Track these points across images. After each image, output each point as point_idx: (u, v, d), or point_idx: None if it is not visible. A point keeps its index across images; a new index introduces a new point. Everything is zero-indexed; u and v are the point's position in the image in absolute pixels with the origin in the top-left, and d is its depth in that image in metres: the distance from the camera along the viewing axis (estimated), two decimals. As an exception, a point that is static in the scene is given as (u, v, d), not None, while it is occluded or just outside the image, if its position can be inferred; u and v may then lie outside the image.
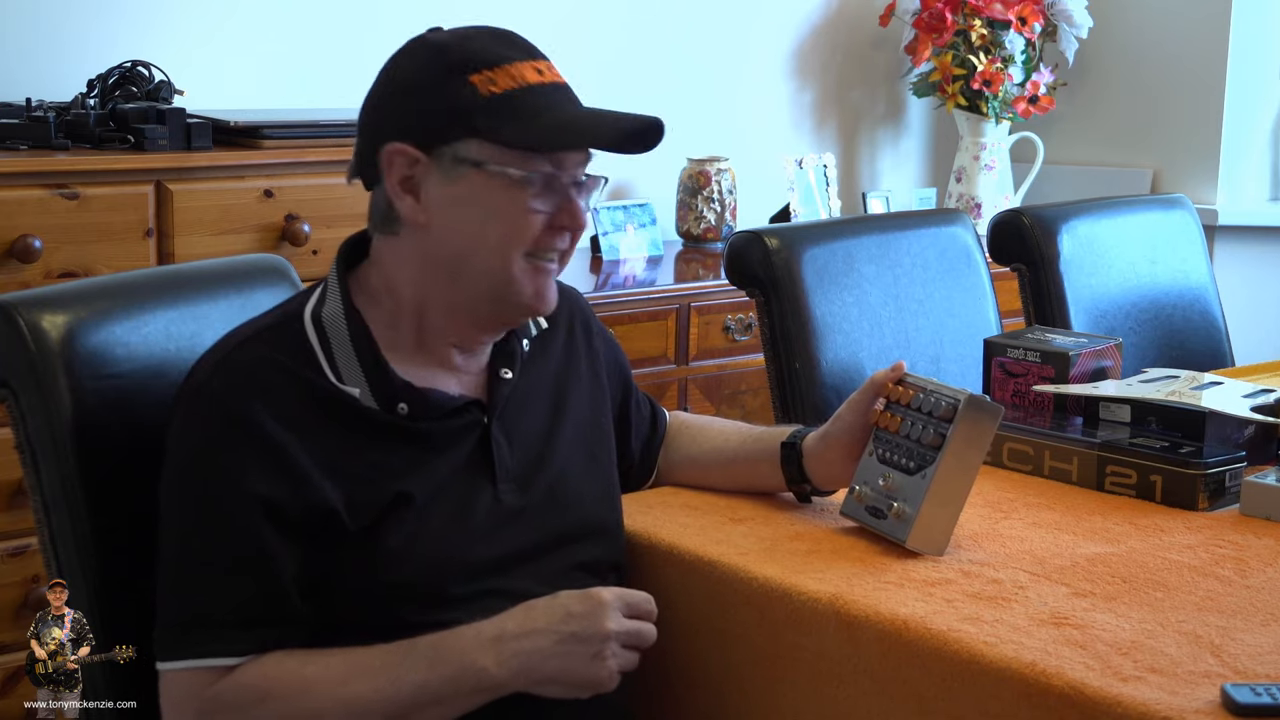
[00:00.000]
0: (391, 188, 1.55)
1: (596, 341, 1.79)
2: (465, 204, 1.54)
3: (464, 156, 1.53)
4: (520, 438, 1.64)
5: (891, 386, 1.72)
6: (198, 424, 1.51)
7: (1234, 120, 4.19)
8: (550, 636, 1.46)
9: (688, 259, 3.78)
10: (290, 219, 2.81)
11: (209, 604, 1.48)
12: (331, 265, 1.61)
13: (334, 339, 1.56)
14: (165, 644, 1.50)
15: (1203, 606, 1.51)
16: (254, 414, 1.49)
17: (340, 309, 1.57)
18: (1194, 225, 2.93)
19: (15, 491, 2.53)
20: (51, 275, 2.56)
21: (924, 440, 1.65)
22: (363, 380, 1.55)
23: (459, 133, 1.53)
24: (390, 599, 1.51)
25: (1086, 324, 2.64)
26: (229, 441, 1.49)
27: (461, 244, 1.55)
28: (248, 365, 1.52)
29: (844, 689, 1.51)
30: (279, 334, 1.56)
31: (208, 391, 1.51)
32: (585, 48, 3.73)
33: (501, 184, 1.53)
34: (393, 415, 1.55)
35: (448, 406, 1.58)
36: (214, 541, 1.48)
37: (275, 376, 1.52)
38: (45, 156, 2.64)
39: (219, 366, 1.53)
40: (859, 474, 1.72)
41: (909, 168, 4.55)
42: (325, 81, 3.32)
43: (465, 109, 1.52)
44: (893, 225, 2.59)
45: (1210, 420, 1.91)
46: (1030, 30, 4.08)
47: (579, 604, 1.48)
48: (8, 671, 2.59)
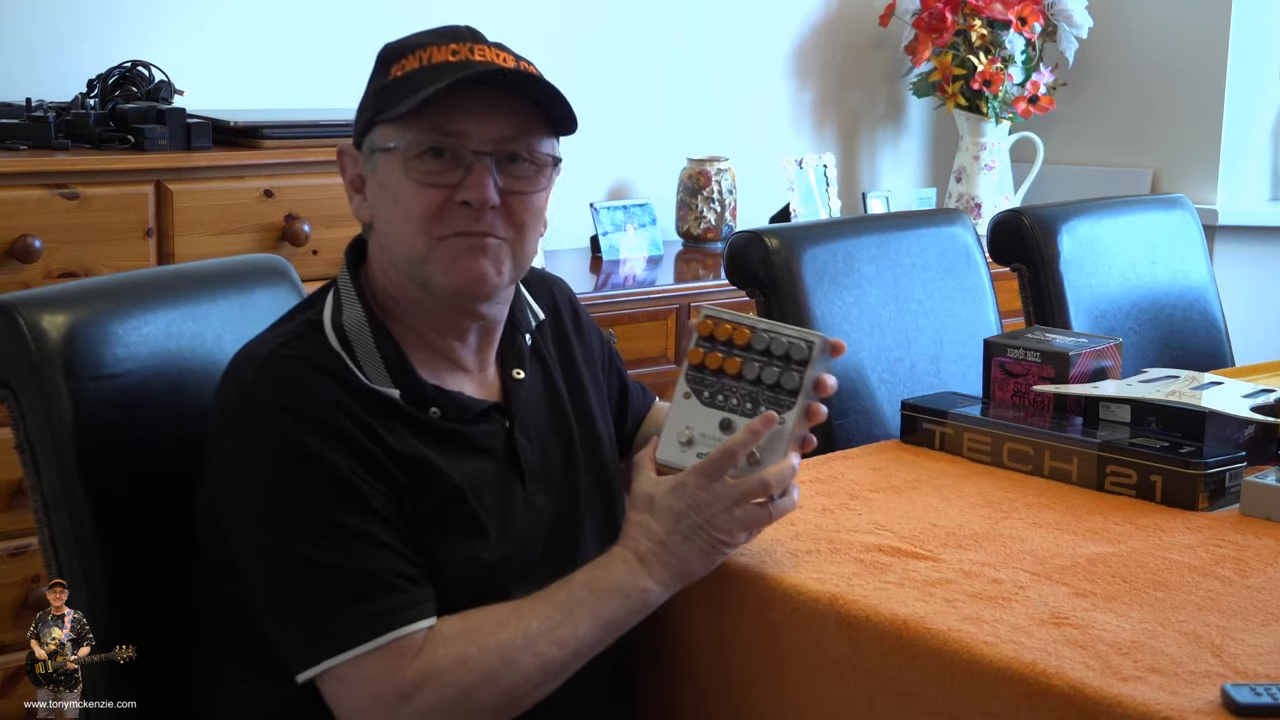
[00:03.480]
0: (346, 187, 1.59)
1: (586, 328, 1.78)
2: (380, 191, 1.55)
3: (376, 145, 1.54)
4: (538, 437, 1.64)
5: (709, 322, 1.59)
6: (263, 432, 1.46)
7: (1234, 120, 4.20)
8: (676, 539, 1.51)
9: (688, 259, 3.78)
10: (290, 219, 2.81)
11: (374, 578, 1.44)
12: (341, 270, 1.60)
13: (359, 347, 1.54)
14: (334, 636, 1.43)
15: (1203, 606, 1.51)
16: (313, 409, 1.46)
17: (362, 316, 1.55)
18: (1194, 225, 2.94)
19: (15, 491, 2.53)
20: (51, 275, 2.56)
21: (783, 384, 1.55)
22: (393, 384, 1.53)
23: (370, 122, 1.55)
24: (447, 601, 1.50)
25: (1086, 324, 2.64)
26: (301, 434, 1.45)
27: (386, 232, 1.56)
28: (290, 367, 1.49)
29: (844, 689, 1.51)
30: (306, 341, 1.53)
31: (260, 400, 1.47)
32: (585, 48, 3.73)
33: (396, 162, 1.52)
34: (428, 417, 1.54)
35: (475, 409, 1.58)
36: (344, 523, 1.44)
37: (318, 377, 1.49)
38: (45, 156, 2.64)
39: (262, 374, 1.49)
40: (677, 418, 1.58)
41: (909, 168, 4.55)
42: (325, 81, 3.32)
43: (375, 97, 1.55)
44: (893, 225, 2.59)
45: (1210, 420, 1.91)
46: (1030, 30, 4.08)
47: (676, 500, 1.52)
48: (8, 671, 2.59)
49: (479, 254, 1.53)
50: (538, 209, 1.57)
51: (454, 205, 1.52)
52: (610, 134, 3.83)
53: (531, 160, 1.55)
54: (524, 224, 1.56)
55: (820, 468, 1.98)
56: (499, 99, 1.53)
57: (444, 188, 1.51)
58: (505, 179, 1.54)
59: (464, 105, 1.51)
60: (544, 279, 1.78)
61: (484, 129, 1.52)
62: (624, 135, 3.88)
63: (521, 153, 1.54)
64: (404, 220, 1.53)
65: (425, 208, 1.51)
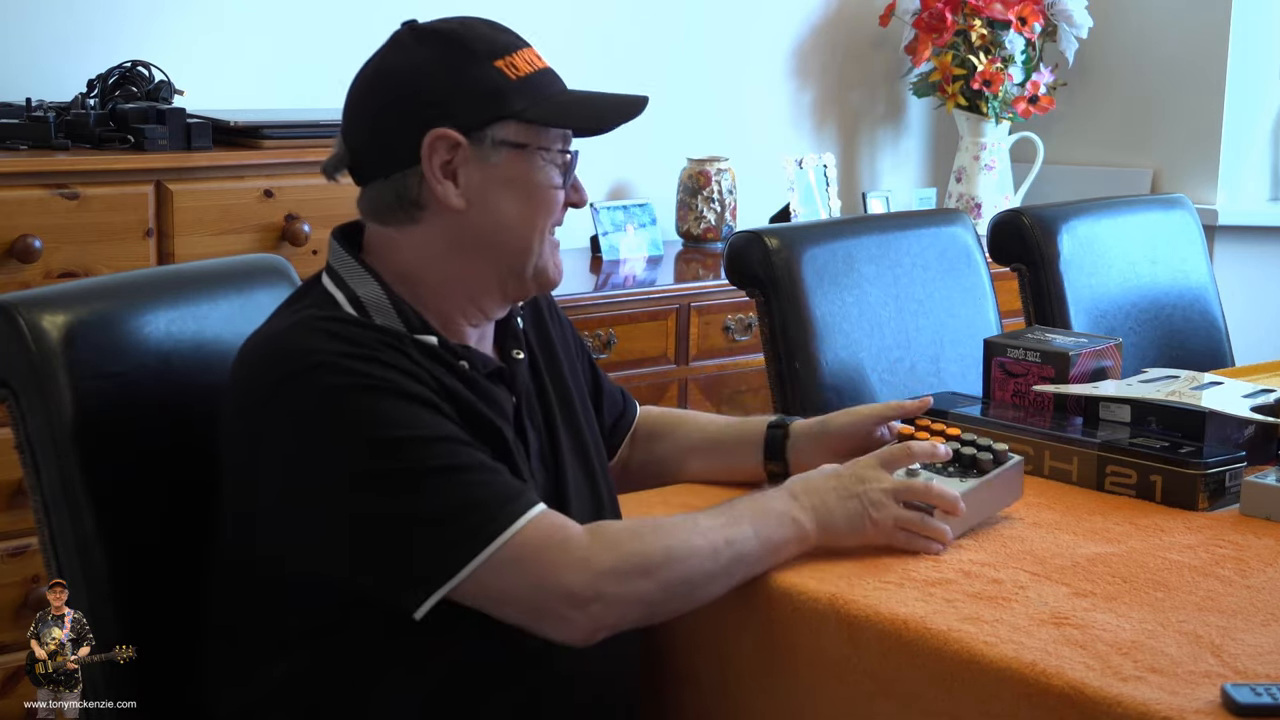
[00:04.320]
0: (432, 173, 1.56)
1: (560, 315, 1.82)
2: (505, 185, 1.58)
3: (502, 139, 1.57)
4: (537, 418, 1.66)
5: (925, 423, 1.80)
6: (323, 387, 1.45)
7: (1234, 120, 4.19)
8: (831, 493, 1.62)
9: (688, 259, 3.78)
10: (290, 219, 2.81)
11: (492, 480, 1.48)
12: (336, 255, 1.60)
13: (379, 316, 1.55)
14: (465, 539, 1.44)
15: (1203, 606, 1.51)
16: (360, 357, 1.47)
17: (378, 289, 1.56)
18: (1194, 225, 2.93)
19: (15, 491, 2.53)
20: (51, 275, 2.56)
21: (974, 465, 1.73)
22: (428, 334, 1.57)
23: (496, 116, 1.57)
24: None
25: (1086, 324, 2.64)
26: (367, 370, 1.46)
27: (498, 223, 1.59)
28: (326, 325, 1.50)
29: (844, 689, 1.51)
30: (326, 310, 1.54)
31: (307, 361, 1.46)
32: (586, 48, 3.73)
33: (537, 164, 1.60)
34: (461, 366, 1.57)
35: (492, 365, 1.61)
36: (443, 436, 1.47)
37: (356, 329, 1.51)
38: (45, 156, 2.64)
39: (298, 340, 1.48)
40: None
41: (909, 168, 4.55)
42: (325, 81, 3.31)
43: (500, 92, 1.57)
44: (893, 225, 2.59)
45: (1210, 420, 1.91)
46: (1030, 30, 4.08)
47: (843, 468, 1.65)
48: (8, 671, 2.59)
49: (558, 249, 1.67)
50: None
51: (563, 206, 1.64)
52: (610, 134, 3.82)
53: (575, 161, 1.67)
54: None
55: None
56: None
57: (562, 191, 1.63)
58: None
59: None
60: None
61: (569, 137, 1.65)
62: (624, 135, 3.85)
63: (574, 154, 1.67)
64: (532, 217, 1.60)
65: (554, 208, 1.62)
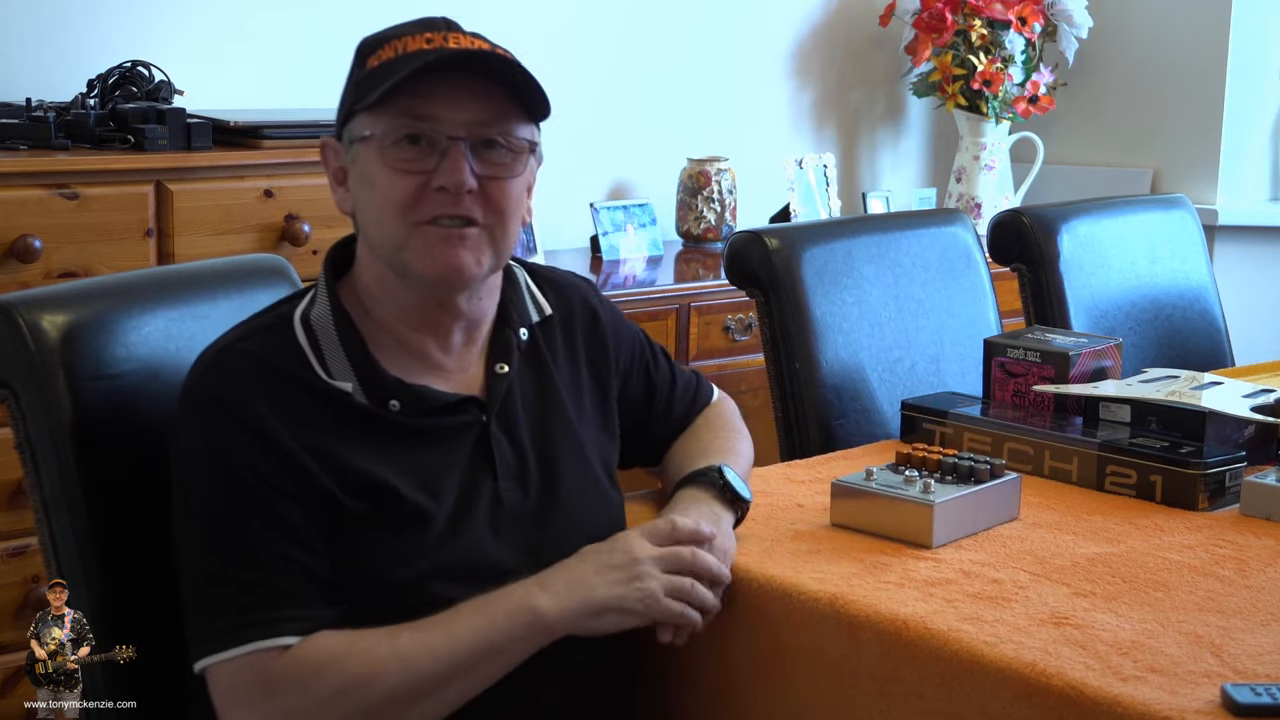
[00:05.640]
0: (330, 181, 1.60)
1: (606, 332, 1.76)
2: (362, 180, 1.56)
3: (354, 135, 1.56)
4: (521, 434, 1.63)
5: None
6: (199, 426, 1.51)
7: (1234, 120, 4.20)
8: (589, 567, 1.52)
9: (688, 259, 3.78)
10: (290, 219, 2.81)
11: (256, 590, 1.46)
12: (324, 267, 1.62)
13: (323, 339, 1.56)
14: (214, 637, 1.47)
15: (1203, 606, 1.51)
16: (248, 406, 1.49)
17: (328, 309, 1.58)
18: (1194, 225, 2.94)
19: (15, 491, 2.53)
20: (51, 275, 2.56)
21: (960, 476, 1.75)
22: (353, 377, 1.55)
23: (348, 113, 1.57)
24: (390, 596, 1.51)
25: (1086, 324, 2.64)
26: (232, 435, 1.48)
27: (367, 219, 1.57)
28: (236, 364, 1.52)
29: (844, 689, 1.51)
30: (270, 334, 1.56)
31: (200, 394, 1.52)
32: (586, 48, 3.73)
33: (373, 150, 1.54)
34: (385, 411, 1.55)
35: (440, 403, 1.58)
36: (248, 531, 1.47)
37: (264, 373, 1.52)
38: (45, 156, 2.64)
39: (209, 369, 1.53)
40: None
41: (909, 168, 4.55)
42: (325, 81, 3.30)
43: (354, 88, 1.57)
44: (893, 225, 2.59)
45: (1210, 420, 1.91)
46: (1030, 30, 4.08)
47: (605, 543, 1.56)
48: (8, 671, 2.59)
49: (457, 244, 1.54)
50: (517, 195, 1.58)
51: (430, 191, 1.53)
52: (610, 134, 3.83)
53: (508, 146, 1.56)
54: (504, 210, 1.56)
55: (820, 467, 1.98)
56: (473, 85, 1.54)
57: (420, 174, 1.52)
58: (482, 164, 1.54)
59: (438, 91, 1.52)
60: (567, 281, 1.78)
61: (458, 114, 1.53)
62: (624, 135, 3.88)
63: (497, 138, 1.55)
64: (382, 207, 1.54)
65: (402, 194, 1.52)
